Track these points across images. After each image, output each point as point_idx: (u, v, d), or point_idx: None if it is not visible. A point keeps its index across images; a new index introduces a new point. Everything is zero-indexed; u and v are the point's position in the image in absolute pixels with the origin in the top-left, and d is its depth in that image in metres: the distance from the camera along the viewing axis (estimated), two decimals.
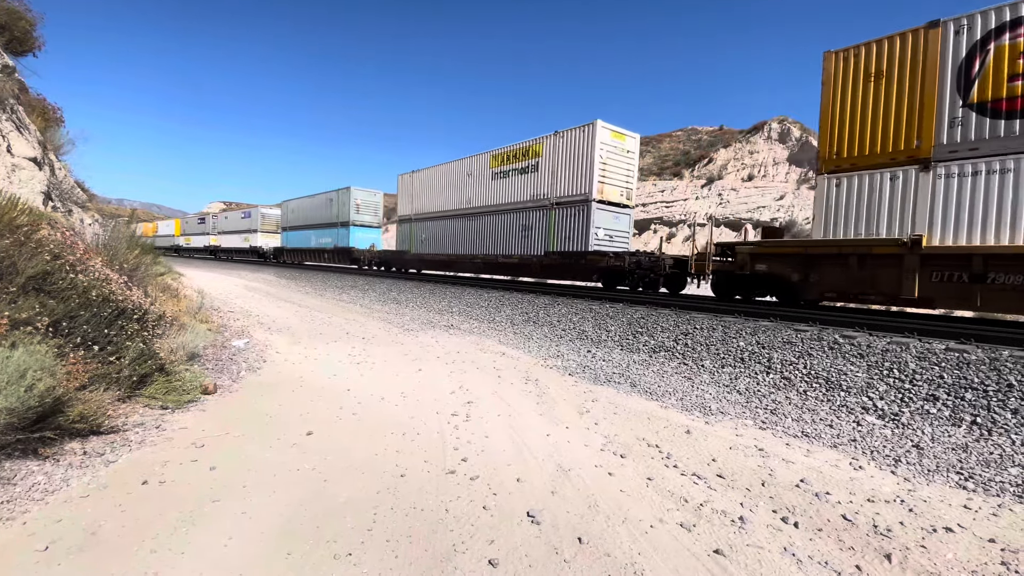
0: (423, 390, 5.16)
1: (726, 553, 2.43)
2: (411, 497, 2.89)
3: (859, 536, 2.64)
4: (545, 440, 3.90)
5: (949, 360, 5.29)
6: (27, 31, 9.22)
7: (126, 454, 3.21)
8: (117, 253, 6.29)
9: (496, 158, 16.93)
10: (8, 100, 7.13)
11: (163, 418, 3.86)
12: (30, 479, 2.73)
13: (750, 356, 6.38)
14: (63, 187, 8.26)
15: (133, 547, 2.27)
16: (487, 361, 6.66)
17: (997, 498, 3.15)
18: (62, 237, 4.78)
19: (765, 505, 2.96)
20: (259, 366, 5.85)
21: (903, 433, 4.26)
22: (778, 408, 4.93)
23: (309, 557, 2.28)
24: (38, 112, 8.86)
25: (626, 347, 7.54)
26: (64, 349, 3.37)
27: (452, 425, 4.14)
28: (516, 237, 16.11)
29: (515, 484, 3.11)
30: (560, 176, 14.42)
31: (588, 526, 2.65)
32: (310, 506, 2.73)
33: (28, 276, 3.65)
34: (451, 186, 19.22)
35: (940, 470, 3.57)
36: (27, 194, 6.04)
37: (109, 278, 4.65)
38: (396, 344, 7.65)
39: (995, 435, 4.05)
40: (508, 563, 2.31)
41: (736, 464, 3.56)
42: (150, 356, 4.28)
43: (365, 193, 27.32)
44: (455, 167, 19.10)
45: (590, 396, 5.20)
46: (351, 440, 3.73)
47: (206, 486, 2.89)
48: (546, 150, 14.89)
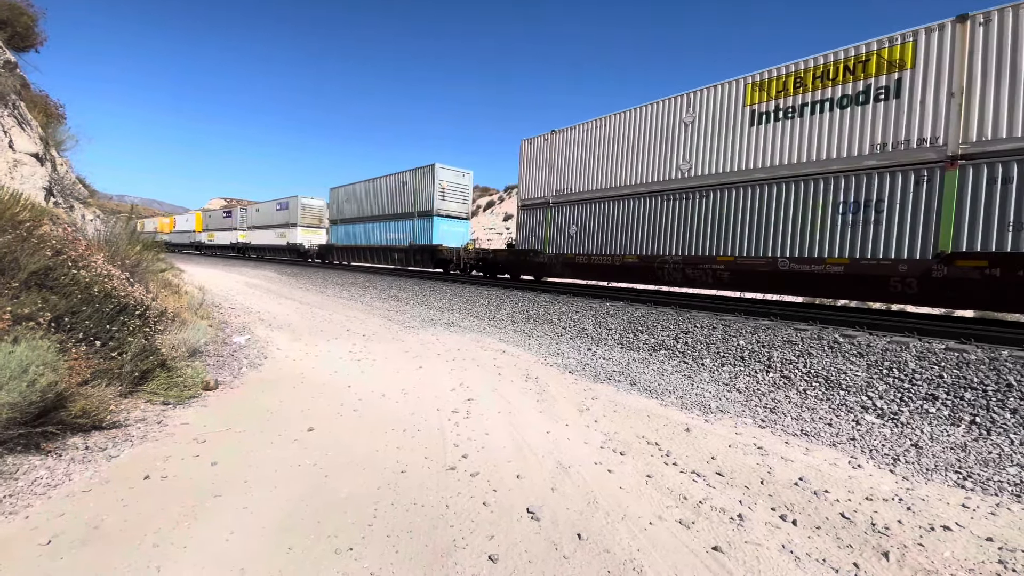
0: (424, 387, 5.17)
1: (725, 550, 2.45)
2: (412, 493, 2.90)
3: (857, 534, 2.65)
4: (545, 437, 3.91)
5: (949, 360, 5.29)
6: (29, 27, 9.22)
7: (128, 449, 3.23)
8: (119, 249, 6.29)
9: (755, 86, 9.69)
10: (10, 96, 7.13)
11: (165, 413, 3.87)
12: (32, 474, 2.74)
13: (750, 355, 6.39)
14: (64, 183, 8.27)
15: (135, 541, 2.29)
16: (487, 359, 6.68)
17: (995, 497, 3.16)
18: (64, 233, 4.79)
19: (764, 503, 2.97)
20: (260, 362, 5.86)
21: (902, 432, 4.27)
22: (778, 407, 4.94)
23: (310, 552, 2.30)
24: (40, 108, 8.87)
25: (626, 345, 7.55)
26: (66, 344, 3.38)
27: (452, 422, 4.15)
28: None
29: (515, 481, 3.13)
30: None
31: (588, 523, 2.67)
32: (311, 501, 2.75)
33: (30, 272, 3.66)
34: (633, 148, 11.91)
35: (939, 469, 3.58)
36: (29, 190, 6.05)
37: (111, 274, 4.65)
38: (397, 341, 7.67)
39: (994, 435, 4.06)
40: (508, 559, 2.32)
41: (735, 462, 3.57)
42: (152, 352, 4.29)
43: (452, 173, 20.39)
44: (636, 116, 11.92)
45: (590, 394, 5.21)
46: (352, 436, 3.75)
47: (207, 481, 2.91)
48: None
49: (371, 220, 23.94)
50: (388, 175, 22.99)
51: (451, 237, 20.01)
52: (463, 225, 20.77)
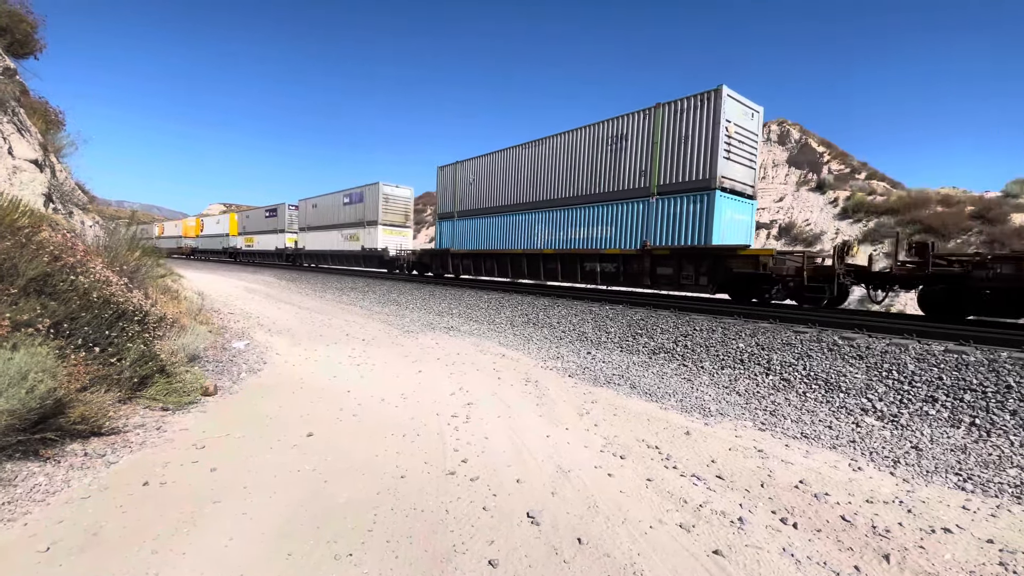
0: (423, 392, 5.17)
1: (725, 554, 2.44)
2: (411, 498, 2.90)
3: (858, 537, 2.65)
4: (545, 441, 3.91)
5: (948, 361, 5.30)
6: (28, 34, 9.25)
7: (127, 455, 3.22)
8: (117, 255, 6.30)
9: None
10: (9, 103, 7.15)
11: (164, 419, 3.86)
12: (31, 480, 2.73)
13: (749, 357, 6.39)
14: (64, 189, 8.28)
15: (134, 548, 2.28)
16: (487, 363, 6.67)
17: (996, 499, 3.16)
18: (63, 239, 4.79)
19: (764, 506, 2.97)
20: (259, 368, 5.85)
21: (902, 434, 4.27)
22: (777, 409, 4.94)
23: (309, 557, 2.29)
24: (39, 115, 8.88)
25: (626, 349, 7.55)
26: (65, 351, 3.37)
27: (452, 426, 4.14)
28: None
29: (515, 485, 3.12)
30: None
31: (588, 527, 2.66)
32: (310, 507, 2.74)
33: (29, 278, 3.66)
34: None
35: (939, 471, 3.58)
36: (28, 196, 6.06)
37: (110, 280, 4.65)
38: (396, 346, 7.66)
39: (994, 436, 4.06)
40: (508, 563, 2.31)
41: (735, 465, 3.57)
42: (151, 358, 4.29)
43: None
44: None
45: (590, 397, 5.20)
46: (351, 441, 3.74)
47: (207, 487, 2.90)
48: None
49: (528, 209, 15.45)
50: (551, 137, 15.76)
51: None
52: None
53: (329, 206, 27.59)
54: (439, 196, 19.53)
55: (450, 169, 18.73)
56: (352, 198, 25.48)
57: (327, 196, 27.99)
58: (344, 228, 26.06)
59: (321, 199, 28.67)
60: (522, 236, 15.21)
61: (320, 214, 28.60)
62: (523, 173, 15.30)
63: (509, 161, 15.86)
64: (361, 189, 24.57)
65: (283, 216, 33.17)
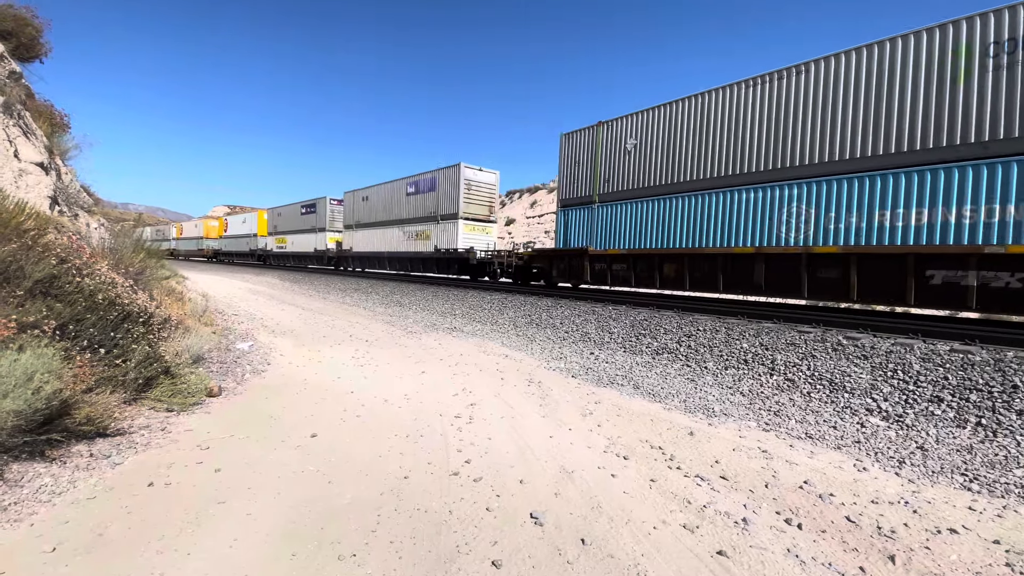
0: (426, 392, 5.17)
1: (729, 554, 2.43)
2: (415, 498, 2.90)
3: (863, 538, 2.64)
4: (548, 442, 3.91)
5: (953, 361, 5.27)
6: (34, 37, 9.31)
7: (132, 456, 3.23)
8: (123, 257, 6.33)
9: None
10: (15, 106, 7.20)
11: (168, 420, 3.88)
12: (37, 481, 2.75)
13: (753, 358, 6.37)
14: (69, 191, 8.33)
15: (139, 548, 2.29)
16: (490, 363, 6.67)
17: (1002, 499, 3.14)
18: (68, 241, 4.82)
19: (768, 507, 2.96)
20: (263, 368, 5.87)
21: (907, 435, 4.25)
22: (782, 410, 4.92)
23: (314, 558, 2.29)
24: (45, 118, 8.94)
25: (629, 349, 7.54)
26: (71, 352, 3.39)
27: (455, 427, 4.15)
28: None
29: (518, 486, 3.12)
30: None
31: (591, 527, 2.66)
32: (314, 507, 2.75)
33: (35, 280, 3.68)
34: None
35: (945, 471, 3.56)
36: (34, 199, 6.10)
37: (115, 282, 4.68)
38: (399, 347, 7.67)
39: (1000, 436, 4.03)
40: (511, 564, 2.31)
41: (739, 466, 3.56)
42: (155, 359, 4.31)
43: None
44: None
45: (593, 398, 5.20)
46: (355, 442, 3.75)
47: (211, 488, 2.91)
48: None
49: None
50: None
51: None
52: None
53: (386, 198, 22.71)
54: (564, 175, 14.21)
55: (586, 134, 13.34)
56: (420, 186, 20.38)
57: (383, 186, 23.06)
58: (408, 224, 21.10)
59: (374, 190, 23.62)
60: (749, 224, 9.50)
61: (373, 208, 23.61)
62: (755, 120, 9.54)
63: (717, 106, 10.12)
64: (433, 174, 19.66)
65: (323, 212, 27.71)
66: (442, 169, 19.31)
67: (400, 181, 21.86)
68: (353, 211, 25.65)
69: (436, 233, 19.57)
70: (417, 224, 20.86)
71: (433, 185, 19.76)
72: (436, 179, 19.58)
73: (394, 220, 22.25)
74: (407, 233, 21.39)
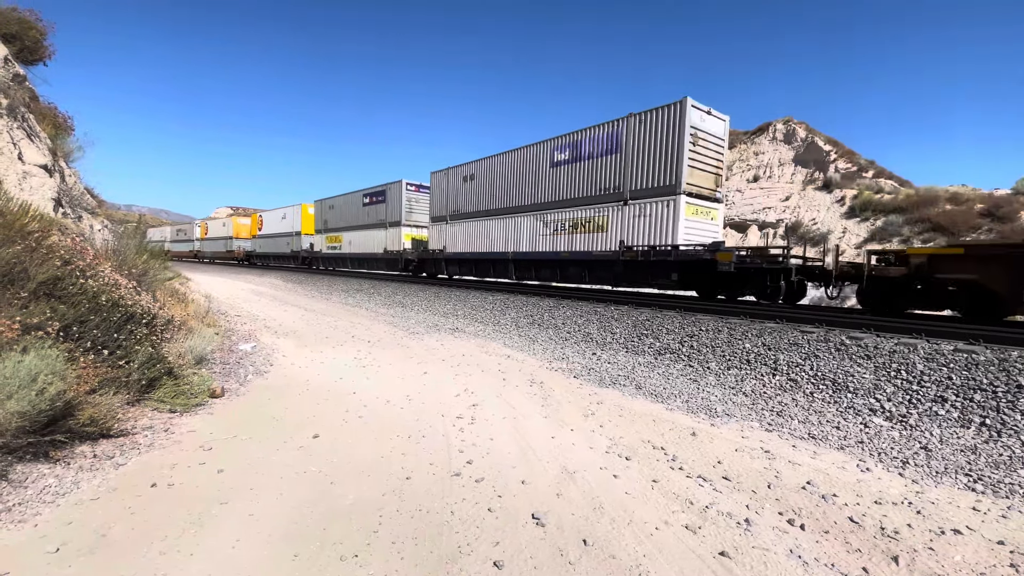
0: (428, 393, 5.17)
1: (732, 555, 2.43)
2: (417, 499, 2.90)
3: (866, 538, 2.63)
4: (550, 442, 3.90)
5: (957, 361, 5.24)
6: (38, 40, 9.37)
7: (135, 457, 3.25)
8: (126, 259, 6.36)
9: None
10: (19, 109, 7.24)
11: (171, 421, 3.90)
12: (41, 482, 2.76)
13: (756, 358, 6.36)
14: (73, 193, 8.37)
15: (142, 549, 2.30)
16: (492, 364, 6.68)
17: (1006, 500, 3.13)
18: (72, 243, 4.84)
19: (771, 507, 2.95)
20: (266, 369, 5.89)
21: (911, 435, 4.23)
22: (784, 410, 4.91)
23: (316, 559, 2.30)
24: (48, 120, 8.99)
25: (631, 349, 7.53)
26: (74, 353, 3.41)
27: (457, 428, 4.15)
28: None
29: (520, 486, 3.12)
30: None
31: (593, 528, 2.65)
32: (316, 508, 2.75)
33: (39, 281, 3.70)
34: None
35: (949, 472, 3.54)
36: (38, 201, 6.13)
37: (118, 283, 4.70)
38: (401, 347, 7.68)
39: (1004, 436, 4.01)
40: (513, 565, 2.31)
41: (742, 466, 3.55)
42: (159, 360, 4.33)
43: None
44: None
45: (595, 398, 5.19)
46: (357, 443, 3.75)
47: (214, 488, 2.92)
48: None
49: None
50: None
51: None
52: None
53: (511, 173, 15.79)
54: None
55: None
56: (583, 147, 13.34)
57: (503, 157, 16.11)
58: (556, 210, 14.19)
59: (486, 164, 16.80)
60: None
61: (482, 191, 16.97)
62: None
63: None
64: (614, 126, 12.46)
65: (396, 201, 21.63)
66: (638, 115, 11.88)
67: (537, 147, 14.83)
68: (446, 197, 18.78)
69: (621, 221, 12.31)
70: (577, 208, 13.49)
71: (615, 142, 12.40)
72: (622, 132, 12.19)
73: (529, 206, 15.06)
74: (554, 223, 14.28)
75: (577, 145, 13.54)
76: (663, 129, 11.38)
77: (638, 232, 11.97)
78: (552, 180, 14.36)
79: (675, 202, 11.16)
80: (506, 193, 16.08)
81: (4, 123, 6.53)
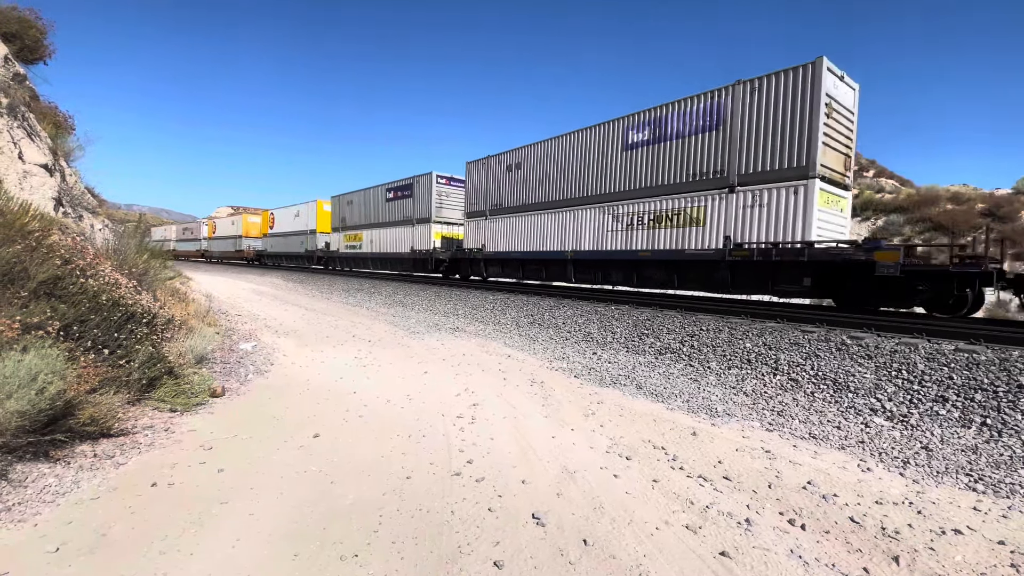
0: (429, 392, 5.17)
1: (732, 555, 2.43)
2: (417, 499, 2.90)
3: (867, 538, 2.62)
4: (550, 442, 3.90)
5: (959, 361, 5.23)
6: (38, 39, 9.36)
7: (135, 456, 3.25)
8: (127, 258, 6.36)
9: None
10: (20, 108, 7.23)
11: (172, 421, 3.90)
12: (41, 481, 2.76)
13: (757, 357, 6.35)
14: (73, 193, 8.37)
15: (142, 548, 2.30)
16: (492, 363, 6.67)
17: (1007, 500, 3.12)
18: (72, 242, 4.84)
19: (772, 507, 2.95)
20: (266, 369, 5.89)
21: (912, 435, 4.23)
22: (785, 410, 4.90)
23: (316, 558, 2.30)
24: (49, 119, 8.99)
25: (632, 349, 7.53)
26: (75, 353, 3.41)
27: (458, 427, 4.15)
28: None
29: (520, 486, 3.12)
30: None
31: (594, 528, 2.65)
32: (317, 507, 2.75)
33: (39, 281, 3.70)
34: None
35: (949, 472, 3.53)
36: (38, 200, 6.13)
37: (118, 282, 4.70)
38: (402, 347, 7.68)
39: (1005, 436, 4.00)
40: (513, 564, 2.31)
41: (742, 466, 3.54)
42: (159, 359, 4.33)
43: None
44: None
45: (596, 398, 5.19)
46: (357, 442, 3.75)
47: (214, 488, 2.92)
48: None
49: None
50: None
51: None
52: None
53: (567, 161, 13.70)
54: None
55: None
56: (664, 126, 11.17)
57: (555, 141, 14.12)
58: (630, 201, 11.89)
59: (534, 150, 14.89)
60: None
61: (531, 181, 14.99)
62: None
63: None
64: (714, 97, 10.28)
65: (425, 195, 19.88)
66: (750, 82, 9.69)
67: (604, 127, 12.55)
68: (487, 190, 16.82)
69: (724, 212, 9.98)
70: (660, 198, 11.13)
71: (716, 117, 10.15)
72: (726, 104, 9.99)
73: (594, 197, 12.88)
74: (627, 217, 11.89)
75: (661, 122, 11.23)
76: (789, 97, 9.16)
77: (749, 226, 9.64)
78: (625, 165, 12.02)
79: (806, 188, 8.89)
80: (563, 183, 13.87)
81: (4, 122, 6.53)
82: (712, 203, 10.23)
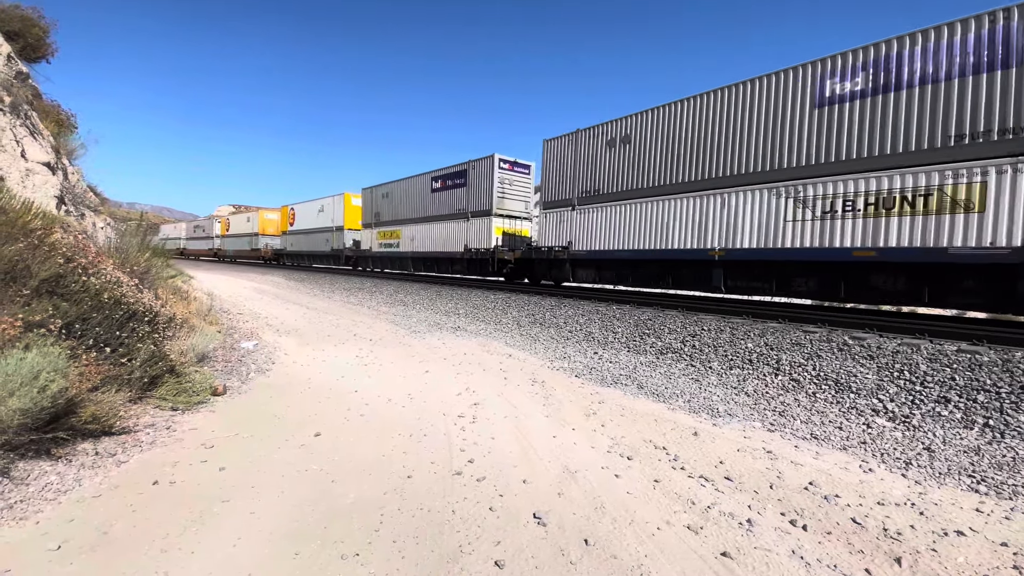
0: (430, 392, 5.17)
1: (733, 556, 2.42)
2: (418, 498, 2.90)
3: (869, 539, 2.62)
4: (552, 442, 3.90)
5: (961, 362, 5.22)
6: (40, 38, 9.38)
7: (137, 454, 3.25)
8: (128, 256, 6.36)
9: None
10: (22, 106, 7.24)
11: (173, 419, 3.90)
12: (43, 479, 2.77)
13: (758, 358, 6.34)
14: (76, 191, 8.38)
15: (144, 547, 2.30)
16: (493, 363, 6.67)
17: (1010, 501, 3.11)
18: (75, 241, 4.85)
19: (773, 508, 2.94)
20: (268, 368, 5.89)
21: (914, 435, 4.22)
22: (787, 410, 4.90)
23: (317, 557, 2.30)
24: (51, 118, 9.01)
25: (633, 349, 7.52)
26: (77, 351, 3.41)
27: (459, 427, 4.14)
28: None
29: (521, 486, 3.12)
30: None
31: (595, 528, 2.65)
32: (318, 506, 2.75)
33: (41, 279, 3.70)
34: None
35: (952, 473, 3.52)
36: (41, 198, 6.13)
37: (120, 281, 4.70)
38: (403, 346, 7.68)
39: (1008, 437, 3.99)
40: (514, 564, 2.31)
41: (744, 466, 3.54)
42: (161, 358, 4.33)
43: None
44: None
45: (597, 398, 5.19)
46: (358, 441, 3.75)
47: (215, 486, 2.92)
48: None
49: None
50: None
51: None
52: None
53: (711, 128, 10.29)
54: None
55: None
56: (895, 69, 7.80)
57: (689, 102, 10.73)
58: (828, 179, 8.49)
59: (651, 117, 11.50)
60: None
61: (646, 159, 11.56)
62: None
63: None
64: (992, 21, 6.91)
65: (483, 185, 16.72)
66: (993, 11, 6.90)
67: (780, 76, 9.24)
68: (575, 173, 13.39)
69: (1018, 190, 6.69)
70: (883, 174, 7.86)
71: (1003, 50, 6.90)
72: (1018, 31, 6.75)
73: (757, 174, 9.50)
74: (823, 202, 8.57)
75: (887, 63, 7.90)
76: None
77: None
78: (818, 128, 8.65)
79: None
80: (702, 159, 10.39)
81: (7, 120, 6.54)
82: (997, 179, 6.87)
